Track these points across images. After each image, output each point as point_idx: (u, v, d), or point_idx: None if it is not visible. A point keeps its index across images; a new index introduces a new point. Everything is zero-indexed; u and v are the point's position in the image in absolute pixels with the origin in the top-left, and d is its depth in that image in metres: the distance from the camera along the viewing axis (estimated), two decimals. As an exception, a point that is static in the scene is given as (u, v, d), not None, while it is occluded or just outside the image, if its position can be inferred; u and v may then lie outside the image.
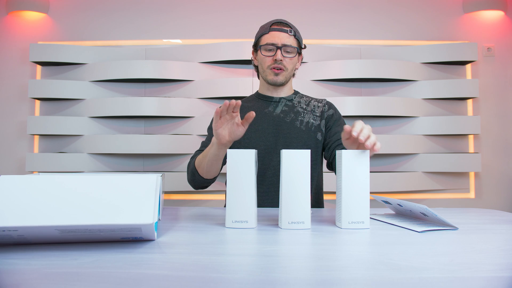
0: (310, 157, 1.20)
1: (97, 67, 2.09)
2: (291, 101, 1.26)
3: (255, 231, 0.73)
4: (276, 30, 1.18)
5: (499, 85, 2.20)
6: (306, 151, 0.76)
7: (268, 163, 1.18)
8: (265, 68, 1.21)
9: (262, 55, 1.20)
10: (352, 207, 0.76)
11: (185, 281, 0.44)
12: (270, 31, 1.18)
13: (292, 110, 1.23)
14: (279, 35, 1.17)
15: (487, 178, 2.16)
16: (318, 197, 1.26)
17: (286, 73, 1.21)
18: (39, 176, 0.63)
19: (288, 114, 1.22)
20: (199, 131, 2.06)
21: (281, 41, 1.17)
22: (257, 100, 1.28)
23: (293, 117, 1.22)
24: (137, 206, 0.60)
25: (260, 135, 1.21)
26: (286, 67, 1.19)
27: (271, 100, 1.26)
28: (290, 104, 1.25)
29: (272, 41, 1.17)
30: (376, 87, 2.14)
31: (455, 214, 0.96)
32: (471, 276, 0.46)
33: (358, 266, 0.50)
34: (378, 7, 2.21)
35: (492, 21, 2.21)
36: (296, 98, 1.27)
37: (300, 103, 1.26)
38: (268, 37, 1.18)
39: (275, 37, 1.17)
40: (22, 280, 0.45)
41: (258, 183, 1.18)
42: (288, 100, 1.26)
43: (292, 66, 1.21)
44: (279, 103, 1.25)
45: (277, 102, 1.25)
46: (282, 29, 1.18)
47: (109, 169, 2.08)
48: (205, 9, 2.21)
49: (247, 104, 1.28)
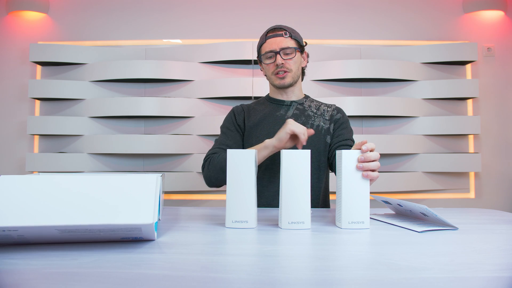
0: (320, 160, 1.23)
1: (97, 67, 2.09)
2: (302, 104, 1.27)
3: (255, 231, 0.73)
4: (271, 37, 1.21)
5: (499, 85, 2.20)
6: (306, 151, 0.76)
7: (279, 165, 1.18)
8: (270, 75, 1.24)
9: (265, 64, 1.23)
10: (352, 207, 0.76)
11: (185, 281, 0.44)
12: (267, 40, 1.21)
13: (303, 113, 1.25)
14: (275, 40, 1.20)
15: (487, 178, 2.16)
16: (326, 198, 1.28)
17: (292, 74, 1.22)
18: (39, 176, 0.63)
19: (299, 118, 1.23)
20: (199, 131, 2.06)
21: (278, 45, 1.19)
22: (268, 103, 1.30)
23: (304, 120, 1.23)
24: (137, 206, 0.60)
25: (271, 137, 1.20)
26: (290, 68, 1.21)
27: (283, 103, 1.27)
28: (301, 107, 1.26)
29: (270, 49, 1.20)
30: (376, 87, 2.14)
31: (455, 214, 0.96)
32: (471, 276, 0.46)
33: (358, 266, 0.50)
34: (378, 7, 2.21)
35: (492, 21, 2.21)
36: (307, 102, 1.29)
37: (310, 107, 1.27)
38: (266, 46, 1.22)
39: (272, 43, 1.20)
40: (22, 280, 0.45)
41: (268, 185, 1.20)
42: (299, 103, 1.27)
43: (296, 66, 1.22)
44: (291, 107, 1.26)
45: (289, 105, 1.27)
46: (277, 34, 1.20)
47: (109, 169, 2.08)
48: (205, 9, 2.21)
49: (258, 107, 1.29)
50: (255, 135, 1.23)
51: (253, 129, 1.24)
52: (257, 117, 1.25)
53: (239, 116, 1.28)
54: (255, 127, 1.24)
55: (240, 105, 1.33)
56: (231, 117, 1.29)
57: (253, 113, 1.27)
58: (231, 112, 1.30)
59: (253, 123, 1.25)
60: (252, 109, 1.30)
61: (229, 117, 1.29)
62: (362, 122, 2.13)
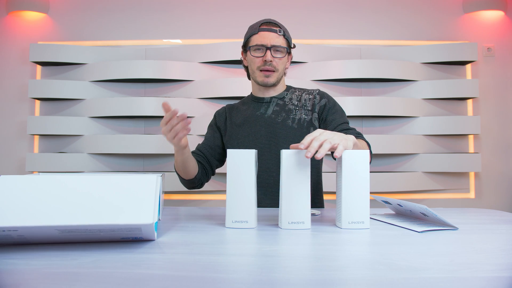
0: None
1: (97, 67, 2.09)
2: (282, 99, 1.24)
3: (255, 231, 0.73)
4: (265, 30, 1.16)
5: (499, 85, 2.20)
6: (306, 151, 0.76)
7: (262, 166, 1.19)
8: (254, 69, 1.20)
9: (252, 56, 1.18)
10: (352, 207, 0.76)
11: (185, 281, 0.44)
12: (259, 31, 1.16)
13: (283, 109, 1.22)
14: (268, 35, 1.15)
15: (487, 178, 2.16)
16: (318, 196, 1.25)
17: (277, 74, 1.19)
18: (39, 176, 0.63)
19: (279, 114, 1.21)
20: (199, 131, 2.06)
21: (271, 41, 1.15)
22: (250, 102, 1.28)
23: (285, 116, 1.20)
24: (137, 206, 0.60)
25: (252, 138, 1.21)
26: (276, 67, 1.18)
27: (262, 101, 1.25)
28: (281, 103, 1.23)
29: (261, 42, 1.15)
30: (376, 87, 2.14)
31: (455, 214, 0.96)
32: (471, 276, 0.46)
33: (358, 266, 0.50)
34: (378, 7, 2.21)
35: (492, 21, 2.21)
36: (288, 95, 1.25)
37: (291, 99, 1.24)
38: (257, 38, 1.16)
39: (265, 37, 1.15)
40: (22, 280, 0.45)
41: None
42: (279, 99, 1.24)
43: (282, 66, 1.20)
44: (270, 103, 1.24)
45: (268, 102, 1.24)
46: (271, 29, 1.16)
47: (109, 169, 2.08)
48: (205, 9, 2.21)
49: (243, 107, 1.29)
50: (237, 136, 1.23)
51: (235, 130, 1.24)
52: (240, 118, 1.25)
53: (220, 118, 1.30)
54: (237, 128, 1.24)
55: (224, 106, 1.34)
56: (213, 120, 1.32)
57: (236, 114, 1.27)
58: (214, 114, 1.34)
59: (236, 124, 1.25)
60: (235, 109, 1.29)
61: (212, 120, 1.33)
62: (362, 122, 2.13)
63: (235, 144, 1.22)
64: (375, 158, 2.09)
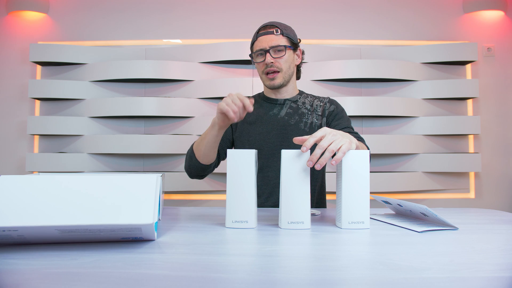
0: None
1: (97, 67, 2.09)
2: (295, 102, 1.26)
3: (255, 231, 0.73)
4: (262, 34, 1.18)
5: (499, 85, 2.20)
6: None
7: (272, 165, 1.19)
8: (260, 74, 1.22)
9: (256, 62, 1.21)
10: (352, 207, 0.76)
11: (185, 281, 0.44)
12: (258, 37, 1.18)
13: (296, 112, 1.23)
14: (266, 38, 1.17)
15: (487, 178, 2.16)
16: (322, 197, 1.27)
17: (282, 74, 1.19)
18: (39, 176, 0.63)
19: (292, 116, 1.22)
20: (199, 131, 2.06)
21: (268, 44, 1.16)
22: (262, 102, 1.29)
23: (298, 119, 1.22)
24: (137, 206, 0.60)
25: (264, 138, 1.21)
26: (280, 67, 1.18)
27: (276, 102, 1.26)
28: (294, 106, 1.25)
29: (260, 47, 1.17)
30: (376, 87, 2.14)
31: (455, 214, 0.96)
32: (471, 276, 0.46)
33: (358, 266, 0.50)
34: (378, 7, 2.21)
35: (492, 21, 2.21)
36: (301, 99, 1.27)
37: (304, 104, 1.26)
38: (257, 44, 1.19)
39: (262, 41, 1.17)
40: (22, 280, 0.45)
41: (262, 184, 1.20)
42: (292, 101, 1.26)
43: (287, 64, 1.19)
44: (284, 105, 1.25)
45: (282, 104, 1.25)
46: (268, 31, 1.17)
47: (109, 169, 2.08)
48: (205, 9, 2.21)
49: (254, 105, 1.29)
50: (248, 134, 1.23)
51: (246, 128, 1.25)
52: (252, 116, 1.25)
53: None
54: (249, 126, 1.24)
55: None
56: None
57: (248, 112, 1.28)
58: None
59: (247, 121, 1.25)
60: None
61: None
62: (362, 122, 2.13)
63: (245, 141, 1.22)
64: (375, 158, 2.09)
